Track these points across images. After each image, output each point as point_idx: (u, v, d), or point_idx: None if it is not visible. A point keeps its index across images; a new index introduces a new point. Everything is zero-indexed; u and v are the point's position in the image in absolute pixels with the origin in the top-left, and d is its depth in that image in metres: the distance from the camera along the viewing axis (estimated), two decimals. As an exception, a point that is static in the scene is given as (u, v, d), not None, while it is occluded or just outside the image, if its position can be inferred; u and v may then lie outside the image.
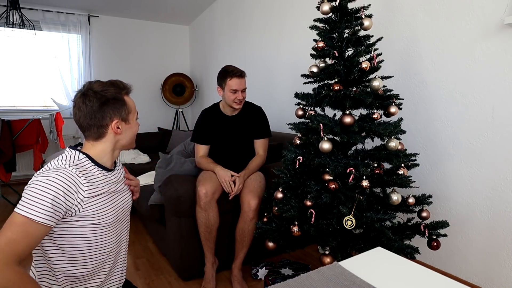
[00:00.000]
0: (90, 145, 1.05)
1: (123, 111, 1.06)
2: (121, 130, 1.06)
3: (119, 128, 1.05)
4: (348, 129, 1.44)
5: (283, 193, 1.58)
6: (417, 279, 0.74)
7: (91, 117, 1.01)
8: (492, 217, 1.64)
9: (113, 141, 1.07)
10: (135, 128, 1.12)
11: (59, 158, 0.98)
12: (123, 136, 1.08)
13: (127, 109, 1.07)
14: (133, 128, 1.11)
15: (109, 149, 1.07)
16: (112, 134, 1.05)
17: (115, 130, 1.05)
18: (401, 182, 1.45)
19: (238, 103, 1.96)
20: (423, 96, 1.91)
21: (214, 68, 4.56)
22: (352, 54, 1.51)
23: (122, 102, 1.05)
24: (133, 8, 4.48)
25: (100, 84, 1.04)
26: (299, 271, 1.87)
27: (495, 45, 1.58)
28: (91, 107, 1.01)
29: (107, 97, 1.02)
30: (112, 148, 1.08)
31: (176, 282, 1.92)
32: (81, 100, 1.01)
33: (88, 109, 1.01)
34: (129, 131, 1.09)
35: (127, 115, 1.07)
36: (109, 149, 1.07)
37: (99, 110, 1.01)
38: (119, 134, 1.07)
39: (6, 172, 3.29)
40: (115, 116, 1.04)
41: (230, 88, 1.91)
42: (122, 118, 1.06)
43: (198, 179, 1.86)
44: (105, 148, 1.06)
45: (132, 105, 1.09)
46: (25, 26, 3.48)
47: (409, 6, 1.95)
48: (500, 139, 1.58)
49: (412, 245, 1.40)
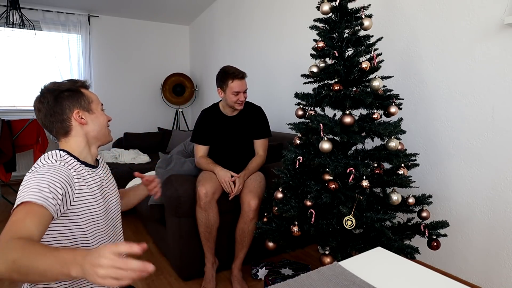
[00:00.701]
0: (63, 143, 1.05)
1: (82, 101, 1.05)
2: (86, 120, 1.05)
3: (83, 118, 1.04)
4: (348, 129, 1.44)
5: (283, 193, 1.58)
6: (417, 279, 0.74)
7: (51, 113, 1.01)
8: (492, 217, 1.64)
9: (82, 134, 1.05)
10: (102, 118, 1.09)
11: (41, 159, 0.97)
12: (91, 127, 1.06)
13: (86, 99, 1.06)
14: (99, 118, 1.08)
15: (83, 143, 1.05)
16: (78, 126, 1.04)
17: (79, 120, 1.03)
18: (401, 182, 1.44)
19: (240, 104, 1.97)
20: (423, 96, 1.91)
21: (214, 68, 4.56)
22: (352, 54, 1.51)
23: (79, 93, 1.05)
24: (133, 8, 4.48)
25: (54, 83, 1.05)
26: (299, 271, 1.87)
27: (495, 45, 1.58)
28: (47, 103, 1.00)
29: (61, 89, 1.02)
30: (86, 142, 1.06)
31: (176, 282, 1.92)
32: (37, 101, 1.02)
33: (45, 107, 1.00)
34: (95, 121, 1.07)
35: (88, 104, 1.06)
36: (83, 143, 1.05)
37: (56, 104, 1.01)
38: (85, 125, 1.05)
39: (6, 172, 3.29)
40: (74, 107, 1.03)
41: (232, 90, 1.91)
42: (83, 107, 1.05)
43: (198, 179, 1.86)
44: (77, 142, 1.05)
45: (93, 96, 1.08)
46: (25, 26, 3.48)
47: (409, 6, 1.95)
48: (500, 139, 1.58)
49: (412, 245, 1.40)
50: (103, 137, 1.10)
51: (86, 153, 1.06)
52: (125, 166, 3.30)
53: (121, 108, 4.93)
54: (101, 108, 1.10)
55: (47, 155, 0.99)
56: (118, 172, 3.09)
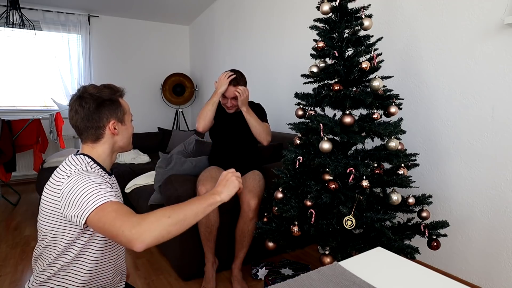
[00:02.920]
0: (89, 148, 1.06)
1: (119, 112, 1.08)
2: (118, 131, 1.08)
3: (116, 129, 1.07)
4: (348, 129, 1.44)
5: (283, 193, 1.58)
6: (417, 279, 0.74)
7: (89, 119, 1.02)
8: (492, 217, 1.64)
9: (111, 143, 1.08)
10: (130, 130, 1.14)
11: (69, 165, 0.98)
12: (120, 137, 1.10)
13: (122, 110, 1.09)
14: (129, 129, 1.13)
15: (108, 151, 1.08)
16: (109, 136, 1.07)
17: (112, 130, 1.06)
18: (401, 182, 1.44)
19: (228, 108, 2.00)
20: (423, 96, 1.91)
21: (214, 68, 4.56)
22: (352, 54, 1.51)
23: (118, 104, 1.08)
24: (133, 8, 4.48)
25: (95, 87, 1.06)
26: (299, 271, 1.87)
27: (495, 45, 1.58)
28: (88, 108, 1.02)
29: (103, 98, 1.04)
30: (111, 150, 1.09)
31: (176, 282, 1.92)
32: (77, 103, 1.03)
33: (85, 111, 1.02)
34: (125, 132, 1.11)
35: (122, 116, 1.09)
36: (108, 151, 1.08)
37: (96, 112, 1.03)
38: (116, 135, 1.08)
39: (6, 172, 3.29)
40: (111, 117, 1.05)
41: (226, 94, 1.95)
42: (118, 119, 1.07)
43: (199, 179, 1.86)
44: (104, 150, 1.07)
45: (127, 107, 1.12)
46: (25, 26, 3.48)
47: (409, 6, 1.95)
48: (500, 139, 1.58)
49: (412, 245, 1.40)
50: (127, 146, 1.14)
51: (108, 161, 1.09)
52: (125, 166, 3.30)
53: (121, 108, 4.92)
54: (131, 119, 1.15)
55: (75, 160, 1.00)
56: (118, 172, 3.09)
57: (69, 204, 0.89)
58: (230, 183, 1.00)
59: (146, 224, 0.81)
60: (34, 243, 2.47)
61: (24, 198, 3.65)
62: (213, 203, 0.94)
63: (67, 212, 0.90)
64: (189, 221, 0.88)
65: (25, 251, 2.35)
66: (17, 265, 2.16)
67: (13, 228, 2.77)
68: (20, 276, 2.03)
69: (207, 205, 0.92)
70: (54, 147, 4.31)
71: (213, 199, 0.94)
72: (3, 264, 2.16)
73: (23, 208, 3.29)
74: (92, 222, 0.86)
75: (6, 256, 2.27)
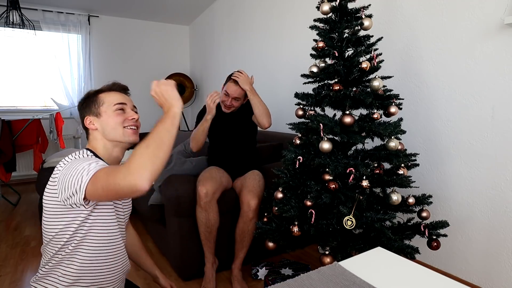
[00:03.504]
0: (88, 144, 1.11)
1: (92, 107, 1.07)
2: (95, 125, 1.07)
3: (93, 124, 1.07)
4: (348, 129, 1.44)
5: (283, 193, 1.58)
6: (417, 279, 0.74)
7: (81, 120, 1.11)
8: (492, 217, 1.64)
9: (99, 138, 1.07)
10: (112, 120, 1.06)
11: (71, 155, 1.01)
12: (102, 130, 1.07)
13: (97, 103, 1.07)
14: (108, 120, 1.06)
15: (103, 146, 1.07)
16: (92, 132, 1.08)
17: (89, 126, 1.07)
18: (401, 182, 1.44)
19: (226, 107, 1.99)
20: (423, 96, 1.91)
21: (214, 68, 4.56)
22: (352, 54, 1.51)
23: (93, 98, 1.08)
24: (133, 8, 4.48)
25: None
26: (299, 271, 1.87)
27: (495, 45, 1.58)
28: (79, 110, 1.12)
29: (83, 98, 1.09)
30: (105, 145, 1.07)
31: (176, 282, 1.92)
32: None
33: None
34: (104, 124, 1.06)
35: (97, 108, 1.07)
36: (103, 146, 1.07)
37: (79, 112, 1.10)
38: (96, 130, 1.07)
39: (6, 172, 3.29)
40: (86, 114, 1.08)
41: (225, 89, 1.97)
42: (92, 113, 1.07)
43: (199, 179, 1.86)
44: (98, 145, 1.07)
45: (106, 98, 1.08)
46: (25, 26, 3.48)
47: (409, 6, 1.95)
48: (500, 139, 1.58)
49: (412, 245, 1.40)
50: (120, 137, 1.07)
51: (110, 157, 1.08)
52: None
53: (121, 108, 4.93)
54: (116, 108, 1.07)
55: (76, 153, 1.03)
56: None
57: (65, 187, 0.90)
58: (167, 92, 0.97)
59: (134, 165, 0.82)
60: (34, 243, 2.47)
61: (24, 198, 3.65)
62: (174, 115, 0.94)
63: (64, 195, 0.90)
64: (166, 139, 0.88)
65: (25, 251, 2.35)
66: (17, 265, 2.16)
67: (13, 228, 2.76)
68: (20, 276, 2.03)
69: (171, 120, 0.92)
70: (54, 147, 4.31)
71: (172, 112, 0.94)
72: (3, 264, 2.16)
73: (23, 208, 3.29)
74: (90, 193, 0.87)
75: (6, 256, 2.27)
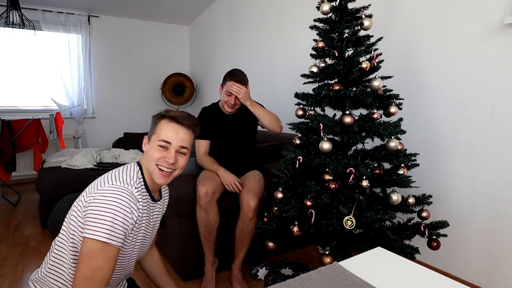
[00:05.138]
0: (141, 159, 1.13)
1: (151, 130, 1.08)
2: (145, 148, 1.08)
3: (145, 145, 1.09)
4: (348, 129, 1.44)
5: (283, 193, 1.58)
6: (417, 279, 0.74)
7: None
8: (492, 217, 1.64)
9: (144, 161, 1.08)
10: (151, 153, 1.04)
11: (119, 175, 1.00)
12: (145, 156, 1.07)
13: (154, 127, 1.07)
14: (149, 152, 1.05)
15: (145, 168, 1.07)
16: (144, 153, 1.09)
17: (143, 146, 1.09)
18: (401, 182, 1.44)
19: (230, 107, 1.97)
20: (423, 96, 1.91)
21: (214, 68, 4.56)
22: (352, 54, 1.51)
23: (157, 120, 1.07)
24: (133, 8, 4.48)
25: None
26: (299, 271, 1.87)
27: (495, 45, 1.58)
28: None
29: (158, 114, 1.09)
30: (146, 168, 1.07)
31: (176, 282, 1.92)
32: None
33: None
34: (147, 153, 1.06)
35: (151, 134, 1.07)
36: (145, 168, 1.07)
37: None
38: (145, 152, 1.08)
39: (6, 172, 3.29)
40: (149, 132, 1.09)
41: (227, 89, 1.93)
42: (148, 136, 1.09)
43: (199, 179, 1.86)
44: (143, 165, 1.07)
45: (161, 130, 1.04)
46: (25, 26, 3.47)
47: (409, 6, 1.95)
48: (500, 139, 1.58)
49: (412, 245, 1.40)
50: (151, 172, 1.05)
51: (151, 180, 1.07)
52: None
53: (121, 108, 4.93)
54: (159, 144, 1.04)
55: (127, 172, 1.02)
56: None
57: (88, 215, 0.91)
58: None
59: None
60: (34, 243, 2.47)
61: (24, 198, 3.65)
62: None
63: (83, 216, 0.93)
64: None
65: (25, 251, 2.35)
66: (17, 265, 2.16)
67: (13, 228, 2.76)
68: (20, 276, 2.03)
69: None
70: (54, 147, 4.31)
71: None
72: (3, 264, 2.16)
73: (23, 208, 3.29)
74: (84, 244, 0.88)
75: (6, 256, 2.27)
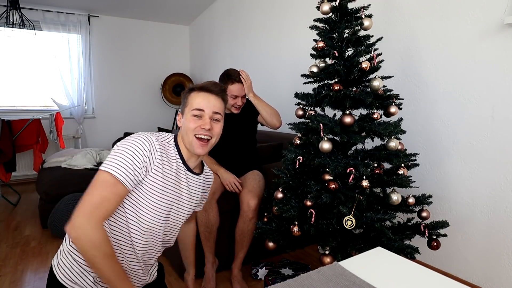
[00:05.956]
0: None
1: (183, 104, 1.09)
2: (181, 123, 1.09)
3: (180, 121, 1.10)
4: (348, 129, 1.44)
5: (283, 193, 1.58)
6: (417, 279, 0.74)
7: None
8: (492, 217, 1.64)
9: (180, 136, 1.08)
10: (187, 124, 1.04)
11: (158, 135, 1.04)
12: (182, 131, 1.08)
13: (186, 102, 1.08)
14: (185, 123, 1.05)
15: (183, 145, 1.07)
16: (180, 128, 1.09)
17: (178, 122, 1.10)
18: (401, 182, 1.44)
19: (237, 108, 1.98)
20: (423, 96, 1.91)
21: (214, 68, 4.56)
22: (352, 54, 1.51)
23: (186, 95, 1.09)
24: (133, 8, 4.48)
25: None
26: (299, 271, 1.87)
27: (495, 45, 1.58)
28: None
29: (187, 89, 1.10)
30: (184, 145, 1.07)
31: (176, 282, 1.92)
32: None
33: None
34: (184, 125, 1.07)
35: (184, 107, 1.08)
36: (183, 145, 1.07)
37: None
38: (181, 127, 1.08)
39: (6, 172, 3.29)
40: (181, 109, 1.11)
41: (231, 93, 1.93)
42: (181, 110, 1.10)
43: (198, 179, 1.86)
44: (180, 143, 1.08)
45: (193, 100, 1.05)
46: (25, 26, 3.47)
47: (409, 6, 1.95)
48: (500, 139, 1.58)
49: (412, 245, 1.40)
50: (188, 145, 1.06)
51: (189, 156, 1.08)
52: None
53: (121, 108, 4.93)
54: (193, 114, 1.04)
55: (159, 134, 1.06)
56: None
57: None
58: None
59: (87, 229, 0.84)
60: (34, 243, 2.47)
61: (24, 198, 3.65)
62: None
63: None
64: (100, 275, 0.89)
65: (25, 251, 2.35)
66: (17, 265, 2.16)
67: (13, 228, 2.76)
68: (20, 276, 2.03)
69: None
70: (54, 147, 4.31)
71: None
72: (3, 264, 2.16)
73: (23, 208, 3.29)
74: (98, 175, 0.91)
75: (6, 256, 2.27)
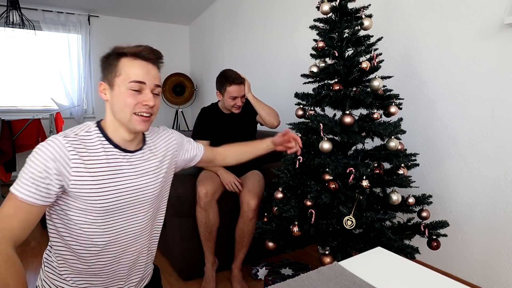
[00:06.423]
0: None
1: (110, 73, 0.89)
2: (107, 96, 0.90)
3: (105, 93, 0.91)
4: (348, 129, 1.44)
5: (283, 193, 1.58)
6: (417, 279, 0.74)
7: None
8: (492, 217, 1.64)
9: (108, 111, 0.92)
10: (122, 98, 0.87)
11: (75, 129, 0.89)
12: (111, 105, 0.90)
13: (115, 70, 0.88)
14: (119, 97, 0.87)
15: (110, 120, 0.91)
16: (105, 102, 0.92)
17: (101, 94, 0.91)
18: (401, 182, 1.44)
19: (237, 108, 1.99)
20: (423, 96, 1.91)
21: (214, 68, 4.56)
22: (352, 54, 1.51)
23: (113, 62, 0.88)
24: (133, 8, 4.47)
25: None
26: (299, 271, 1.87)
27: (495, 45, 1.58)
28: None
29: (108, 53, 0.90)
30: (111, 120, 0.91)
31: (176, 282, 1.92)
32: None
33: None
34: (115, 98, 0.88)
35: (113, 78, 0.88)
36: (110, 120, 0.91)
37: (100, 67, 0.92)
38: (107, 101, 0.91)
39: (6, 172, 3.29)
40: (103, 77, 0.91)
41: (230, 95, 1.94)
42: (107, 80, 0.90)
43: (198, 179, 1.86)
44: (106, 119, 0.92)
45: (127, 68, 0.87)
46: (25, 26, 3.47)
47: (409, 6, 1.95)
48: (500, 139, 1.58)
49: (412, 245, 1.40)
50: (125, 122, 0.89)
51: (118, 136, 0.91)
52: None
53: (121, 108, 4.92)
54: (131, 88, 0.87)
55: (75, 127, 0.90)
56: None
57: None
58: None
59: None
60: (34, 243, 2.47)
61: (24, 198, 3.65)
62: None
63: None
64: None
65: (25, 251, 2.35)
66: (17, 265, 2.16)
67: (13, 228, 2.76)
68: (20, 276, 2.03)
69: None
70: (54, 147, 4.30)
71: None
72: (3, 264, 2.16)
73: (23, 208, 3.29)
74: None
75: (6, 256, 2.27)
